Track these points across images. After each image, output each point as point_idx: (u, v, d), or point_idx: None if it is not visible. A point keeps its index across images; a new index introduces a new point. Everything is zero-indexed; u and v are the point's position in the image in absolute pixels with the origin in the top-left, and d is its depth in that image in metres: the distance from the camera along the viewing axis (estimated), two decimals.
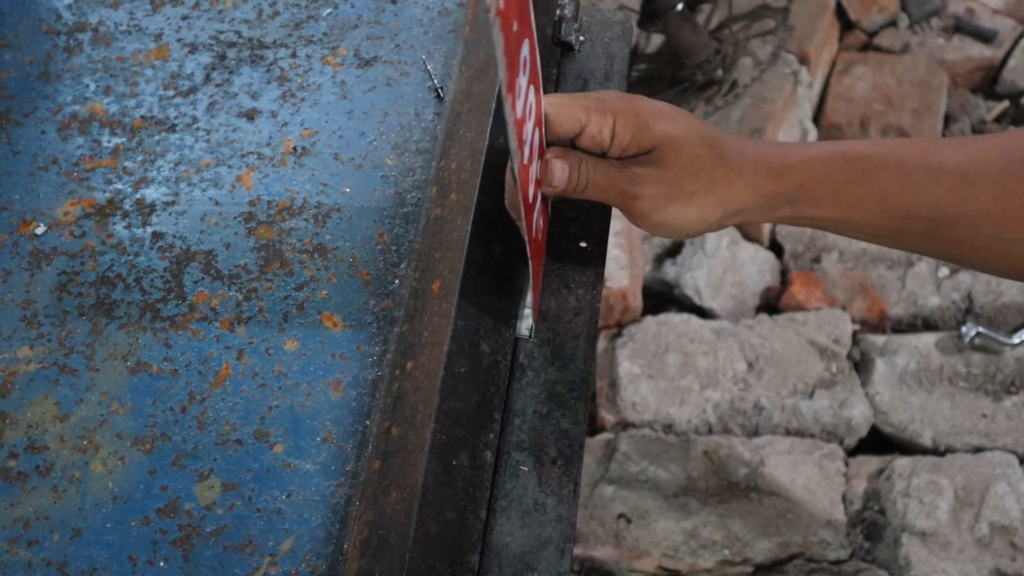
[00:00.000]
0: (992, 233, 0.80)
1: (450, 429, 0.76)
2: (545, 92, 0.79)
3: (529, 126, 0.74)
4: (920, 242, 0.84)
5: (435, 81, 1.00)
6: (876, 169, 0.82)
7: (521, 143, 0.72)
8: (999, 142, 0.81)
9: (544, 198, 0.82)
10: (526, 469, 0.80)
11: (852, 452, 1.88)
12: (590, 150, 0.82)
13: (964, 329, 1.94)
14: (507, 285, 0.86)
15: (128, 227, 0.93)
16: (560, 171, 0.80)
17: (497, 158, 0.87)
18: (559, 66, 1.02)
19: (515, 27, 0.67)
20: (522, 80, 0.70)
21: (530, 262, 0.80)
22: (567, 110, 0.80)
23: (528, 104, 0.73)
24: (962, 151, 0.82)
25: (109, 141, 0.99)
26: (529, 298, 0.85)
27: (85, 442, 0.82)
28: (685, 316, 2.00)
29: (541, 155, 0.80)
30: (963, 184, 0.80)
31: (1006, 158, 0.80)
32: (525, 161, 0.74)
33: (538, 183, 0.80)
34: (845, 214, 0.83)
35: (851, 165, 0.82)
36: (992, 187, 0.79)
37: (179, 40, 1.06)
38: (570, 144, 0.82)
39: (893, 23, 2.54)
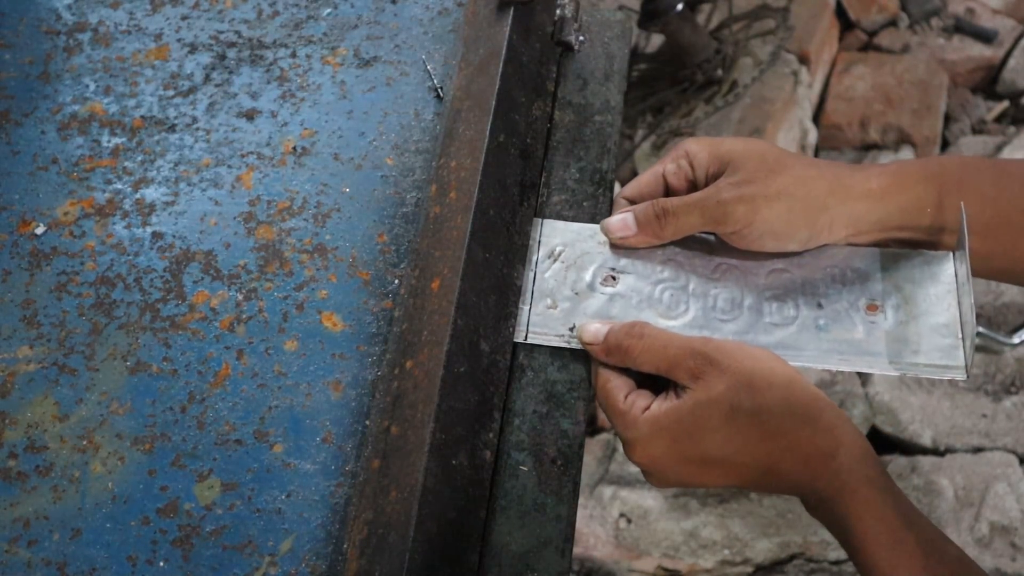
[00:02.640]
0: None
1: (449, 428, 0.76)
2: (543, 93, 0.80)
3: None
4: None
5: (435, 81, 1.00)
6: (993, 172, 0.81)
7: None
8: None
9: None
10: (526, 469, 0.80)
11: None
12: (683, 188, 0.87)
13: None
14: (506, 284, 0.86)
15: (128, 227, 0.93)
16: (616, 221, 0.87)
17: (496, 157, 0.87)
18: (559, 66, 1.02)
19: None
20: None
21: None
22: (645, 177, 0.87)
23: None
24: None
25: (109, 141, 0.99)
26: None
27: (85, 442, 0.82)
28: None
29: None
30: None
31: None
32: None
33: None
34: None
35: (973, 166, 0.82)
36: None
37: (179, 40, 1.06)
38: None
39: (893, 23, 2.54)
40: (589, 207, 0.92)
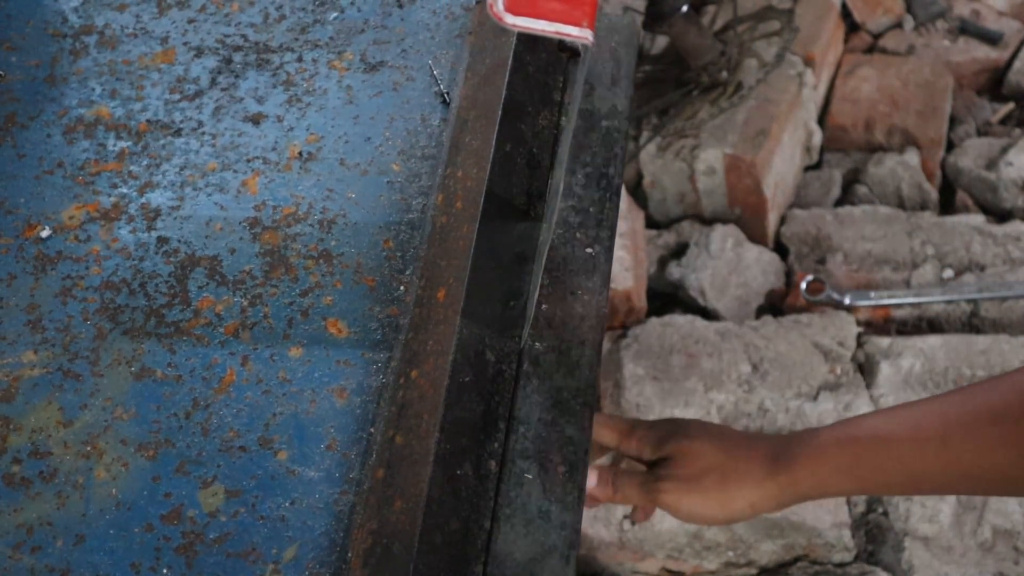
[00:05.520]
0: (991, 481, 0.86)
1: (455, 438, 0.76)
2: (550, 102, 0.79)
3: None
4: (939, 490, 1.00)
5: (441, 86, 1.00)
6: (872, 449, 0.90)
7: None
8: (966, 400, 0.87)
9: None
10: (531, 477, 0.80)
11: None
12: (631, 455, 1.03)
13: None
14: (513, 294, 0.86)
15: (133, 232, 0.93)
16: (592, 475, 1.00)
17: (502, 167, 0.87)
18: (565, 72, 1.01)
19: None
20: None
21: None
22: (605, 429, 1.03)
23: None
24: (939, 415, 0.87)
25: (115, 145, 0.99)
26: None
27: (89, 448, 0.82)
28: (690, 318, 2.00)
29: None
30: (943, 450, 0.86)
31: (974, 415, 0.85)
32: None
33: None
34: (857, 486, 0.95)
35: (847, 450, 0.92)
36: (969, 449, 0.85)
37: (185, 44, 1.06)
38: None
39: (898, 25, 2.53)
40: (595, 212, 0.92)
